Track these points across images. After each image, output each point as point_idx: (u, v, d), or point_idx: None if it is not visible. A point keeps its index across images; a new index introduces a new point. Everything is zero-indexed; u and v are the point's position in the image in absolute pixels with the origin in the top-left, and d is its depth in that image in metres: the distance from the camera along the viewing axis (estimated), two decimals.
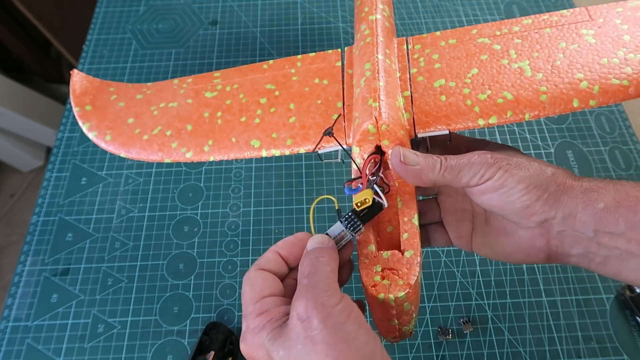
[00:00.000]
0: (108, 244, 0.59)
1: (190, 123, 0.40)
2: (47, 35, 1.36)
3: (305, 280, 0.28)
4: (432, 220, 0.38)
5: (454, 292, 0.55)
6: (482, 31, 0.39)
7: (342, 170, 0.64)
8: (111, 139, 0.41)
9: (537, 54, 0.36)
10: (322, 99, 0.39)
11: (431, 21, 0.79)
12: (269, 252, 0.32)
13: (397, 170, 0.32)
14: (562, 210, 0.29)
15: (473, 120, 0.34)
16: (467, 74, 0.36)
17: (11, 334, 0.53)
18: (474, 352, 0.51)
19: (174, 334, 0.53)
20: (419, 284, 0.31)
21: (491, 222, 0.35)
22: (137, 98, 0.44)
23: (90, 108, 0.43)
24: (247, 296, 0.30)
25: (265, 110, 0.39)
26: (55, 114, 1.43)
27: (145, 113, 0.42)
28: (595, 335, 0.51)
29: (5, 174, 1.51)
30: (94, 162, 0.66)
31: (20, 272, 0.58)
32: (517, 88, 0.34)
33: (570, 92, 0.33)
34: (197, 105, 0.41)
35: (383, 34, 0.40)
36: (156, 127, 0.40)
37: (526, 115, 0.34)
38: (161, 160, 0.39)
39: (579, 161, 0.64)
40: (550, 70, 0.34)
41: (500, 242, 0.34)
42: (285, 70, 0.42)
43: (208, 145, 0.38)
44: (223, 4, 0.83)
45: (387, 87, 0.35)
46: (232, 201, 0.62)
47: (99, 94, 0.44)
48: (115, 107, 0.43)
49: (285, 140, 0.37)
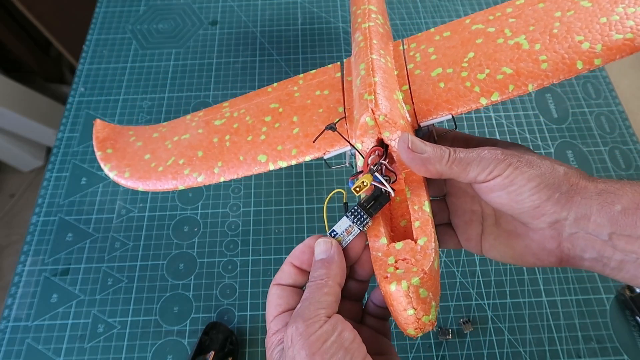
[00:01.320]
0: (108, 244, 0.59)
1: (201, 149, 0.41)
2: (47, 35, 1.36)
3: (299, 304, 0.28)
4: (440, 221, 0.38)
5: (454, 292, 0.55)
6: (476, 19, 0.39)
7: (343, 170, 0.64)
8: (129, 175, 0.43)
9: (532, 27, 0.35)
10: (323, 107, 0.39)
11: (431, 21, 0.79)
12: (284, 265, 0.32)
13: (404, 157, 0.31)
14: (575, 211, 0.28)
15: (475, 101, 0.34)
16: (463, 59, 0.36)
17: (11, 334, 0.53)
18: (474, 352, 0.51)
19: (174, 334, 0.53)
20: (437, 270, 0.30)
21: (501, 223, 0.34)
22: (153, 137, 0.46)
23: (111, 151, 0.46)
24: (267, 313, 0.30)
25: (270, 127, 0.40)
26: (55, 114, 1.43)
27: (160, 148, 0.44)
28: (595, 335, 0.51)
29: (5, 174, 1.51)
30: (94, 162, 0.66)
31: (20, 272, 0.58)
32: (515, 62, 0.34)
33: (573, 55, 0.32)
34: (207, 133, 0.43)
35: (377, 38, 0.40)
36: (170, 159, 0.42)
37: (529, 87, 0.33)
38: (175, 188, 0.41)
39: (579, 161, 0.64)
40: (549, 40, 0.34)
41: (511, 245, 0.33)
42: (289, 89, 0.43)
43: (218, 167, 0.39)
44: (223, 4, 0.83)
45: (383, 82, 0.35)
46: (232, 201, 0.62)
47: (119, 138, 0.47)
48: (134, 147, 0.45)
49: (290, 150, 0.38)
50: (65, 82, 1.58)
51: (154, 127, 0.48)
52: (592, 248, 0.29)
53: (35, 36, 1.44)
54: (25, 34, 1.42)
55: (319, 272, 0.29)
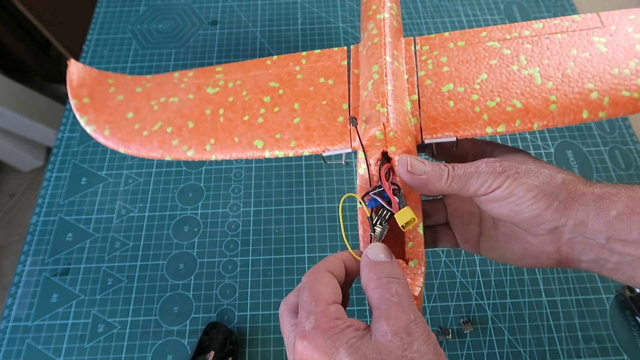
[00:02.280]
0: (108, 244, 0.59)
1: (192, 120, 0.39)
2: (47, 35, 1.36)
3: (395, 298, 0.26)
4: (438, 221, 0.38)
5: (454, 292, 0.55)
6: (492, 34, 0.38)
7: (343, 170, 0.64)
8: (110, 133, 0.40)
9: (547, 60, 0.35)
10: (327, 99, 0.38)
11: (431, 21, 0.79)
12: (335, 258, 0.30)
13: (404, 179, 0.31)
14: (573, 218, 0.29)
15: (481, 128, 0.33)
16: (475, 79, 0.35)
17: (11, 334, 0.53)
18: (474, 352, 0.51)
19: (174, 334, 0.53)
20: (422, 294, 0.31)
21: (499, 227, 0.34)
22: (136, 91, 0.43)
23: (88, 101, 0.42)
24: (318, 295, 0.27)
25: (269, 110, 0.39)
26: (55, 114, 1.43)
27: (145, 108, 0.41)
28: (595, 335, 0.51)
29: (5, 174, 1.51)
30: (94, 162, 0.66)
31: (20, 272, 0.58)
32: (526, 96, 0.34)
33: (580, 103, 0.32)
34: (199, 102, 0.41)
35: (391, 34, 0.39)
36: (156, 123, 0.40)
37: (535, 125, 0.33)
38: (162, 158, 0.39)
39: (579, 161, 0.64)
40: (561, 79, 0.34)
41: (509, 248, 0.33)
42: (290, 67, 0.41)
43: (210, 144, 0.38)
44: (223, 4, 0.83)
45: (395, 92, 0.34)
46: (232, 201, 0.62)
47: (97, 86, 0.43)
48: (114, 100, 0.42)
49: (289, 141, 0.37)
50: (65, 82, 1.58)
51: (137, 79, 0.44)
52: (589, 251, 0.30)
53: (35, 36, 1.44)
54: (25, 34, 1.42)
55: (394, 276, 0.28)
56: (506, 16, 0.79)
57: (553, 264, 0.32)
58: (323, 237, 0.59)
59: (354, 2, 0.82)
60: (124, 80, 0.44)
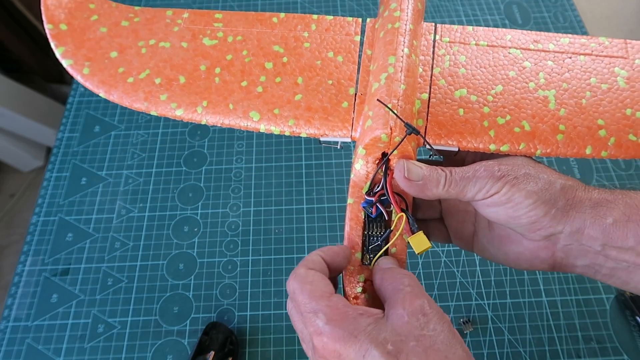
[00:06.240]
0: (108, 244, 0.59)
1: (184, 75, 0.36)
2: None
3: (408, 288, 0.27)
4: (432, 216, 0.38)
5: (454, 292, 0.55)
6: (517, 40, 0.36)
7: (342, 170, 0.64)
8: (89, 72, 0.36)
9: (565, 84, 0.34)
10: (333, 79, 0.35)
11: (431, 21, 0.79)
12: (314, 255, 0.30)
13: (400, 185, 0.31)
14: (570, 225, 0.29)
15: (485, 144, 0.32)
16: (490, 90, 0.34)
17: (11, 334, 0.53)
18: (474, 352, 0.51)
19: (174, 334, 0.53)
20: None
21: (494, 228, 0.34)
22: (122, 25, 0.38)
23: (65, 27, 0.37)
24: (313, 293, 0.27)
25: (269, 79, 0.36)
26: (55, 114, 1.43)
27: (131, 48, 0.37)
28: (595, 335, 0.51)
29: (5, 174, 1.51)
30: (94, 162, 0.66)
31: (20, 272, 0.58)
32: (536, 120, 0.33)
33: (587, 138, 0.32)
34: (193, 53, 0.37)
35: (413, 19, 0.36)
36: (144, 71, 0.36)
37: (538, 151, 0.32)
38: (147, 111, 0.35)
39: (579, 161, 0.64)
40: (574, 109, 0.33)
41: (503, 250, 0.33)
42: (297, 32, 0.38)
43: (202, 106, 0.35)
44: (223, 4, 0.83)
45: (408, 91, 0.33)
46: (232, 201, 0.62)
47: (76, 11, 0.38)
48: (96, 32, 0.38)
49: (287, 119, 0.34)
50: (65, 82, 1.58)
51: (123, 9, 0.39)
52: (584, 257, 0.30)
53: (35, 36, 1.44)
54: (25, 34, 1.42)
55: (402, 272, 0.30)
56: (506, 16, 0.79)
57: (546, 267, 0.32)
58: (323, 237, 0.59)
59: (354, 2, 0.82)
60: (108, 8, 0.39)
